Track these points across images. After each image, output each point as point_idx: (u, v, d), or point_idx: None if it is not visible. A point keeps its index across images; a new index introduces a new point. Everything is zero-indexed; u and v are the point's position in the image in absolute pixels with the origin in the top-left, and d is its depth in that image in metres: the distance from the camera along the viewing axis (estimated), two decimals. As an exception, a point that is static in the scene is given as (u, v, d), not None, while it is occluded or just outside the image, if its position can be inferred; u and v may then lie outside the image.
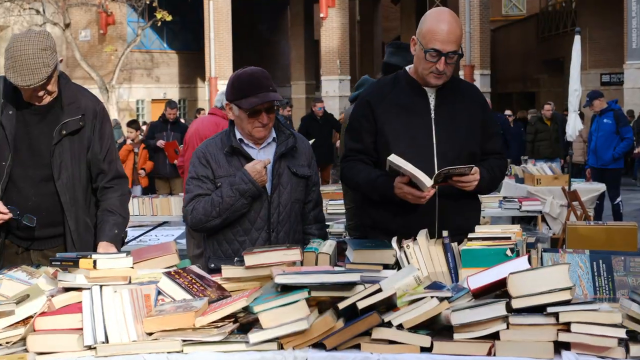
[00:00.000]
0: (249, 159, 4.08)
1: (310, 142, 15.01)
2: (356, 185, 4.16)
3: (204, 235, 4.26)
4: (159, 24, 31.57)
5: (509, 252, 3.30)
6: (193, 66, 37.30)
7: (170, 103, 15.14)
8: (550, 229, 10.99)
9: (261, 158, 4.10)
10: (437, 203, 3.98)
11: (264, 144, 4.16)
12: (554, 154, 16.57)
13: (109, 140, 4.25)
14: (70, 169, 4.12)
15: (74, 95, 4.17)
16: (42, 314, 2.95)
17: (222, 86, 28.15)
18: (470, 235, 3.50)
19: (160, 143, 14.24)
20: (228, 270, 3.34)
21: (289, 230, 4.14)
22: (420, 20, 4.05)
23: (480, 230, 3.61)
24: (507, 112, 21.82)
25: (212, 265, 4.02)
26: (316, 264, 3.62)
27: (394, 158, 3.78)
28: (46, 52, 3.90)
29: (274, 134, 4.19)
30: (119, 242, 4.12)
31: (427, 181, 3.75)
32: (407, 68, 4.19)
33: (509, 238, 3.42)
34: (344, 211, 8.52)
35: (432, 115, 4.06)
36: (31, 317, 2.93)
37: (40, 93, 4.00)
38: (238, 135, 4.14)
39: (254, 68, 4.18)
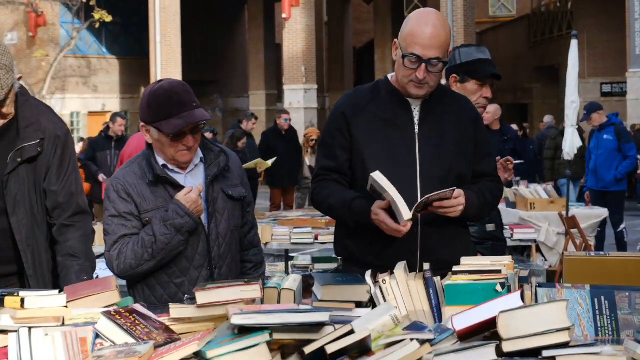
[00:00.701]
0: (178, 187, 4.03)
1: (271, 161, 15.03)
2: (328, 208, 4.16)
3: (128, 281, 4.14)
4: (97, 25, 31.53)
5: (499, 288, 3.32)
6: (136, 73, 37.21)
7: (117, 115, 14.92)
8: (545, 260, 11.06)
9: (190, 184, 4.04)
10: (420, 231, 4.00)
11: (190, 167, 4.12)
12: (578, 173, 16.23)
13: (69, 169, 4.18)
14: (28, 202, 4.04)
15: (33, 116, 4.09)
16: (-39, 361, 2.92)
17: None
18: (454, 269, 3.50)
19: (103, 178, 13.94)
20: (177, 310, 3.32)
21: (231, 263, 4.13)
22: (404, 21, 4.07)
23: (466, 263, 3.62)
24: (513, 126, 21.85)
25: None
26: (279, 302, 3.62)
27: (377, 176, 3.76)
28: (1, 71, 3.83)
29: (200, 154, 4.15)
30: None
31: (406, 213, 3.74)
32: (389, 76, 4.21)
33: (499, 271, 3.43)
34: (311, 241, 8.60)
35: (416, 130, 4.08)
36: (-52, 365, 2.90)
37: None
38: (160, 161, 4.07)
39: (173, 81, 4.12)
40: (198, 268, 4.06)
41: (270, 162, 14.94)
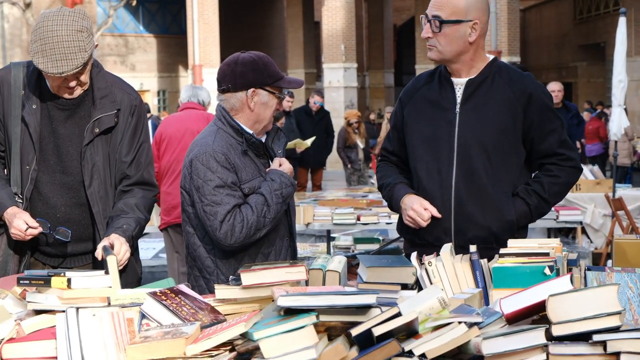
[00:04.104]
0: (262, 155, 4.23)
1: (309, 141, 15.03)
2: (379, 189, 4.43)
3: (202, 254, 4.22)
4: (134, 3, 31.59)
5: (547, 271, 3.31)
6: (174, 52, 37.36)
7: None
8: (591, 242, 10.99)
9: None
10: (453, 212, 4.10)
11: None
12: None
13: (140, 139, 4.20)
14: (102, 174, 4.07)
15: (108, 87, 4.11)
16: (10, 340, 2.95)
17: (208, 75, 28.23)
18: (502, 251, 3.52)
19: None
20: (222, 291, 3.35)
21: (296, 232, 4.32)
22: None
23: (513, 245, 3.63)
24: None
25: None
26: (323, 284, 3.64)
27: None
28: (82, 34, 3.83)
29: None
30: (128, 238, 4.04)
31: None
32: None
33: (547, 254, 3.43)
34: (353, 221, 8.62)
35: (457, 109, 4.13)
36: (-3, 344, 2.95)
37: (72, 83, 3.93)
38: (248, 130, 4.22)
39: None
40: (282, 238, 4.24)
41: (309, 142, 14.95)
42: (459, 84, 4.20)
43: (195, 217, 4.16)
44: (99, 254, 3.89)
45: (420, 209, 4.09)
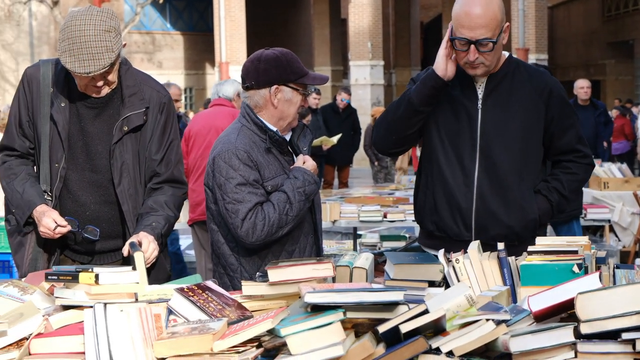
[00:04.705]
0: (286, 153, 4.23)
1: (336, 138, 15.02)
2: (389, 122, 4.32)
3: (225, 252, 4.23)
4: (162, 0, 31.69)
5: (576, 269, 3.30)
6: (200, 50, 37.48)
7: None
8: (619, 240, 10.93)
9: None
10: (474, 207, 4.10)
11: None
12: None
13: (170, 137, 4.20)
14: (132, 172, 4.09)
15: (136, 85, 4.12)
16: (39, 335, 2.97)
17: (235, 72, 28.26)
18: (530, 249, 3.51)
19: None
20: (249, 287, 3.37)
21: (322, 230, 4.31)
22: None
23: (541, 243, 3.62)
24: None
25: None
26: (350, 281, 3.64)
27: None
28: (110, 33, 3.85)
29: None
30: (157, 236, 4.05)
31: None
32: None
33: (576, 252, 3.42)
34: (379, 218, 8.61)
35: (479, 105, 4.14)
36: (26, 338, 2.96)
37: (99, 83, 3.95)
38: (272, 127, 4.21)
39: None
40: (306, 235, 4.24)
41: (335, 139, 14.94)
42: (480, 79, 4.19)
43: (219, 215, 4.17)
44: (126, 250, 3.91)
45: None
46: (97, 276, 3.15)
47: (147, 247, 3.91)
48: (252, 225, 4.03)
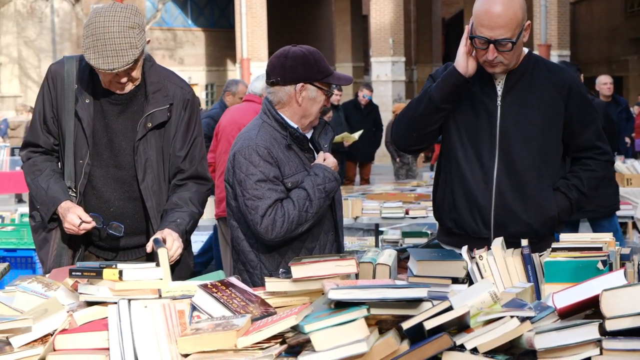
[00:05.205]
0: (307, 150, 4.22)
1: (357, 134, 15.01)
2: (410, 119, 4.30)
3: (245, 248, 4.24)
4: (183, -3, 31.75)
5: (600, 265, 3.29)
6: (222, 46, 37.51)
7: None
8: (642, 237, 10.90)
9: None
10: (494, 204, 4.09)
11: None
12: None
13: (194, 133, 4.20)
14: (156, 169, 4.09)
15: (160, 81, 4.12)
16: (63, 331, 2.99)
17: (256, 69, 28.31)
18: (554, 245, 3.50)
19: None
20: (273, 284, 3.36)
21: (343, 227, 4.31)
22: None
23: (565, 240, 3.60)
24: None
25: None
26: (374, 277, 3.64)
27: None
28: (134, 30, 3.85)
29: None
30: (182, 233, 4.06)
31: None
32: None
33: (600, 248, 3.41)
34: (401, 215, 8.60)
35: (499, 102, 4.13)
36: (50, 334, 2.98)
37: (123, 80, 3.96)
38: (293, 124, 4.21)
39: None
40: (327, 233, 4.23)
41: (357, 136, 14.93)
42: (499, 76, 4.18)
43: (239, 211, 4.18)
44: (149, 246, 3.92)
45: None
46: (120, 272, 3.15)
47: (171, 244, 3.91)
48: (271, 221, 4.03)
